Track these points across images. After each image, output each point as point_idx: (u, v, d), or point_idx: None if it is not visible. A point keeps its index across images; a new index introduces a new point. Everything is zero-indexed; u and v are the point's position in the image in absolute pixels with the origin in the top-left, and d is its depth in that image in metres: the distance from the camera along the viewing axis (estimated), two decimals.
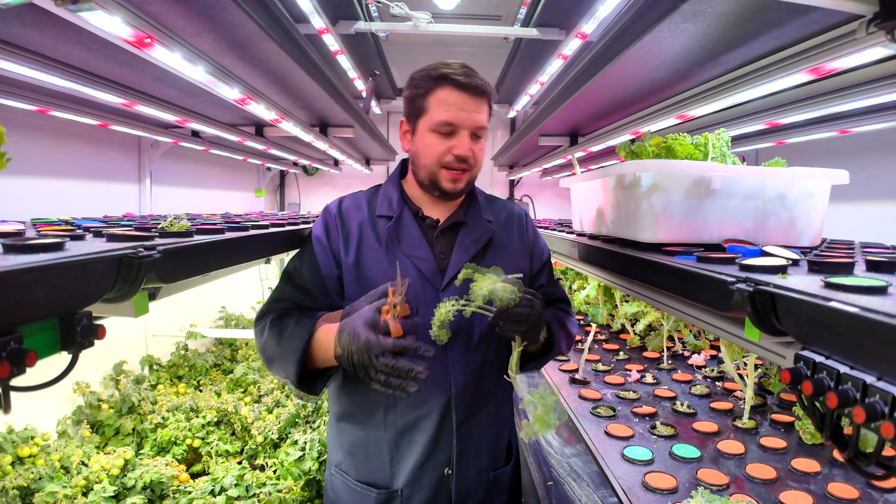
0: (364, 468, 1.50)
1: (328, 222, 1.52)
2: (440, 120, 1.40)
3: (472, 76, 1.41)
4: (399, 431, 1.45)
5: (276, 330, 1.40)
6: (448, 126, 1.40)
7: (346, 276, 1.47)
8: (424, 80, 1.43)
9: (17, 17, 1.47)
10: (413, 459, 1.44)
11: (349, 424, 1.51)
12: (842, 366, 0.67)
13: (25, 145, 2.60)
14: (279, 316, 1.44)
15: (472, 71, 1.43)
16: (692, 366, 2.84)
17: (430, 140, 1.43)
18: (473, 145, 1.43)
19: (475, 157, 1.44)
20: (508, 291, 1.22)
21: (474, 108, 1.41)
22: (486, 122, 1.45)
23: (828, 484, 1.63)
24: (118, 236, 1.12)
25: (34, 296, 0.75)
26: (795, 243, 1.43)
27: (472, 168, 1.46)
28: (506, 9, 4.65)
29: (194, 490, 2.13)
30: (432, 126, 1.41)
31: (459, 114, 1.39)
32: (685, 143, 1.53)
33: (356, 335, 1.18)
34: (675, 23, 1.52)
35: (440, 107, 1.40)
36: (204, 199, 4.60)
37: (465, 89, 1.39)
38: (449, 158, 1.41)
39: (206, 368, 3.59)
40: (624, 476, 1.72)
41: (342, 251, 1.48)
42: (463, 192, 1.50)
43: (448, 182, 1.44)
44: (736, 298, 0.89)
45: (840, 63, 1.37)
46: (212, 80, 1.87)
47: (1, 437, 2.15)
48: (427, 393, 1.42)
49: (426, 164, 1.45)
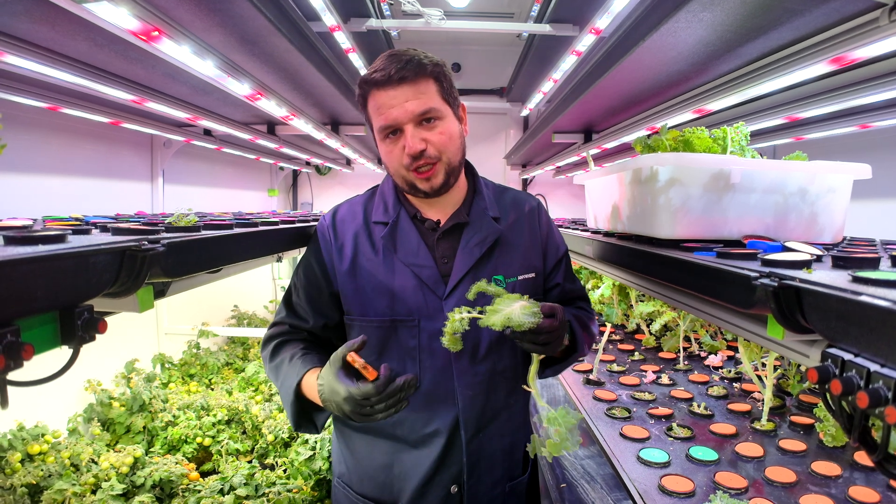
0: (367, 483, 1.45)
1: (320, 237, 1.46)
2: (379, 127, 1.32)
3: (389, 66, 1.27)
4: (405, 449, 1.39)
5: (274, 366, 1.40)
6: (388, 129, 1.31)
7: (344, 290, 1.41)
8: (359, 91, 1.36)
9: (25, 13, 1.46)
10: (419, 477, 1.38)
11: (352, 439, 1.47)
12: (872, 364, 0.64)
13: (38, 143, 2.61)
14: (277, 346, 1.44)
15: (397, 57, 1.29)
16: (709, 366, 2.79)
17: (385, 148, 1.35)
18: (426, 134, 1.30)
19: (435, 146, 1.31)
20: (528, 315, 1.12)
21: (405, 97, 1.28)
22: (430, 104, 1.30)
23: (849, 487, 1.59)
24: (123, 230, 1.10)
25: (32, 288, 0.74)
26: (817, 240, 1.39)
27: (440, 157, 1.33)
28: (518, 5, 4.62)
29: (203, 489, 2.12)
30: (379, 135, 1.34)
31: (391, 112, 1.28)
32: (703, 137, 1.49)
33: (335, 391, 1.12)
34: (692, 12, 1.48)
35: (375, 114, 1.32)
36: (216, 198, 4.61)
37: (385, 85, 1.28)
38: (406, 160, 1.31)
39: (218, 367, 3.59)
40: (639, 478, 1.69)
41: (336, 265, 1.42)
42: (446, 187, 1.37)
43: (421, 182, 1.34)
44: (759, 294, 0.86)
45: (862, 52, 1.32)
46: (221, 75, 1.86)
47: (11, 435, 2.15)
48: (433, 409, 1.36)
49: (394, 172, 1.37)
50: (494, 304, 1.15)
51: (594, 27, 2.90)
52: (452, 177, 1.37)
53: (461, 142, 1.39)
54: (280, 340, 1.45)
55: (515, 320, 1.11)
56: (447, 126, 1.33)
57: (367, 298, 1.37)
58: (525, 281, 1.44)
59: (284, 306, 1.50)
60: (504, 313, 1.12)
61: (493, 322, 1.11)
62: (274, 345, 1.44)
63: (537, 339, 1.16)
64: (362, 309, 1.39)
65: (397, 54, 1.29)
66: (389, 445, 1.40)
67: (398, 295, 1.36)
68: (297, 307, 1.47)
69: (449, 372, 1.36)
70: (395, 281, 1.37)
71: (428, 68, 1.30)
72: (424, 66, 1.29)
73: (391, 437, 1.40)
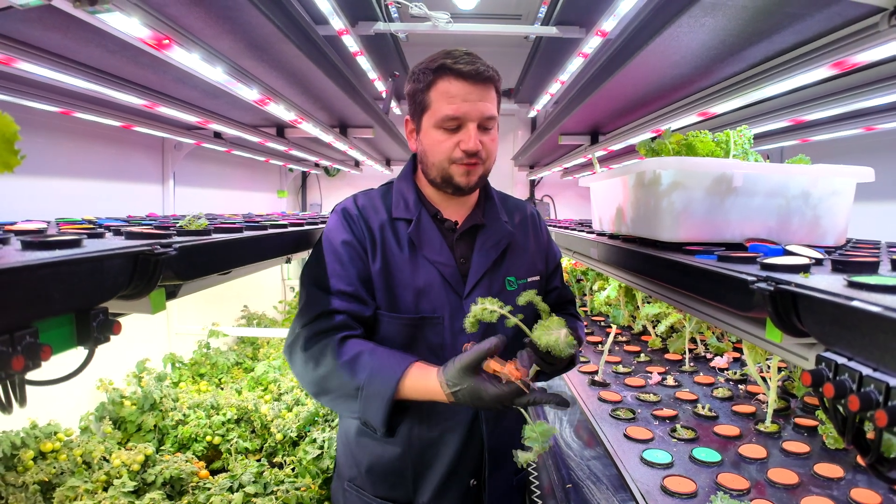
0: (383, 484, 1.44)
1: (352, 224, 1.40)
2: (444, 115, 1.30)
3: (475, 62, 1.30)
4: (424, 446, 1.40)
5: (347, 361, 1.24)
6: (453, 120, 1.30)
7: (375, 282, 1.37)
8: (424, 73, 1.33)
9: (38, 20, 1.49)
10: (438, 473, 1.39)
11: (368, 441, 1.45)
12: (865, 368, 0.65)
13: (51, 147, 2.65)
14: (343, 339, 1.29)
15: (475, 57, 1.32)
16: (714, 368, 2.79)
17: (437, 136, 1.33)
18: (483, 137, 1.33)
19: (486, 150, 1.34)
20: (570, 346, 1.16)
21: (479, 96, 1.30)
22: (494, 111, 1.34)
23: (851, 489, 1.59)
24: (136, 234, 1.13)
25: (50, 291, 0.76)
26: (820, 243, 1.40)
27: (485, 161, 1.36)
28: (525, 8, 4.63)
29: (213, 486, 2.15)
30: (437, 122, 1.32)
31: (463, 105, 1.29)
32: (706, 141, 1.50)
33: (479, 396, 1.12)
34: (694, 17, 1.50)
35: (442, 100, 1.30)
36: (226, 200, 4.65)
37: (467, 78, 1.29)
38: (458, 154, 1.32)
39: (228, 366, 3.63)
40: (643, 479, 1.70)
41: (370, 256, 1.38)
42: (477, 187, 1.40)
43: (461, 176, 1.34)
44: (756, 298, 0.87)
45: (863, 57, 1.33)
46: (231, 80, 1.89)
47: (24, 433, 2.19)
48: (454, 406, 1.34)
49: (435, 163, 1.36)
50: (547, 323, 1.19)
51: (600, 29, 2.91)
52: (482, 181, 1.42)
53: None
54: (346, 335, 1.30)
55: (560, 347, 1.16)
56: (495, 135, 1.39)
57: (396, 293, 1.36)
58: (532, 283, 1.48)
59: (324, 294, 1.34)
60: (553, 336, 1.16)
61: (540, 339, 1.16)
62: (339, 338, 1.28)
63: (548, 358, 1.19)
64: (391, 304, 1.36)
65: (472, 54, 1.32)
66: (407, 443, 1.40)
67: (424, 292, 1.37)
68: (347, 291, 1.33)
69: None
70: (421, 278, 1.37)
71: (496, 78, 1.35)
72: (495, 75, 1.34)
73: (410, 435, 1.40)
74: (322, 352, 1.27)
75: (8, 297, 0.69)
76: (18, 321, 0.71)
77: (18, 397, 0.75)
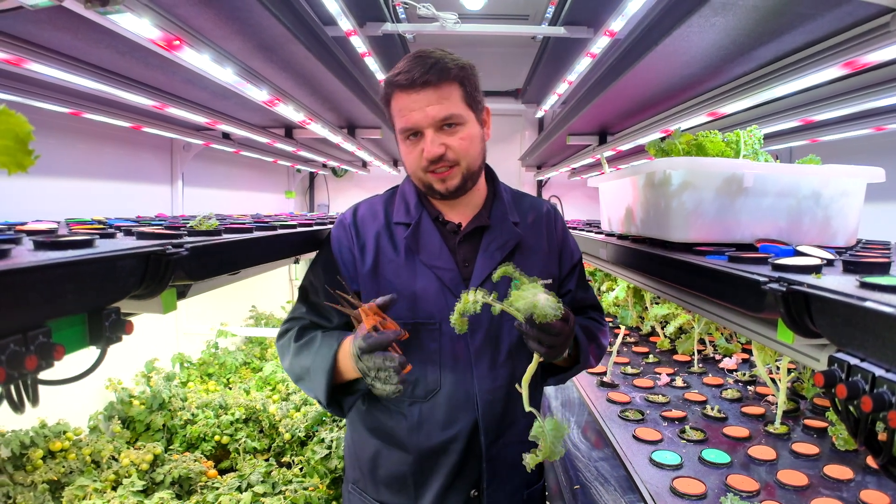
0: (385, 489, 1.44)
1: (342, 235, 1.45)
2: (400, 128, 1.33)
3: (414, 69, 1.26)
4: (424, 454, 1.38)
5: (301, 345, 1.37)
6: (409, 131, 1.31)
7: (365, 291, 1.39)
8: (383, 90, 1.36)
9: (48, 21, 1.50)
10: (439, 482, 1.38)
11: (370, 444, 1.45)
12: (878, 368, 0.65)
13: (60, 147, 2.67)
14: (303, 329, 1.42)
15: (421, 59, 1.28)
16: (723, 369, 2.78)
17: (405, 148, 1.36)
18: (446, 139, 1.30)
19: (455, 151, 1.31)
20: (552, 307, 1.07)
21: (427, 101, 1.27)
22: (451, 110, 1.29)
23: (860, 491, 1.58)
24: (148, 234, 1.14)
25: (63, 291, 0.76)
26: (830, 243, 1.39)
27: (460, 162, 1.33)
28: (533, 8, 4.63)
29: (222, 486, 2.16)
30: (400, 136, 1.35)
31: (413, 115, 1.29)
32: (716, 141, 1.50)
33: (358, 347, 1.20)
34: (704, 17, 1.49)
35: (398, 115, 1.32)
36: (234, 201, 4.67)
37: (410, 88, 1.28)
38: (424, 163, 1.32)
39: (236, 366, 3.65)
40: (652, 480, 1.69)
41: (358, 264, 1.41)
42: (463, 189, 1.37)
43: (438, 184, 1.35)
44: (768, 299, 0.87)
45: (873, 57, 1.33)
46: (240, 81, 1.90)
47: (33, 432, 2.20)
48: (453, 414, 1.35)
49: (412, 173, 1.39)
50: (520, 289, 1.10)
51: (608, 29, 2.90)
52: (470, 181, 1.38)
53: (482, 146, 1.40)
54: (304, 324, 1.44)
55: (540, 308, 1.06)
56: (468, 131, 1.33)
57: None
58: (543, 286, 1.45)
59: (303, 304, 1.47)
60: (530, 299, 1.07)
61: (517, 306, 1.08)
62: (299, 327, 1.43)
63: (544, 338, 1.16)
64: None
65: (423, 56, 1.29)
66: (407, 451, 1.39)
67: (420, 297, 1.36)
68: (318, 306, 1.43)
69: (469, 376, 1.36)
70: (417, 283, 1.36)
71: (452, 72, 1.29)
72: (449, 70, 1.28)
73: (409, 443, 1.38)
74: (288, 341, 1.42)
75: (21, 296, 0.69)
76: (31, 321, 0.72)
77: (31, 397, 0.75)
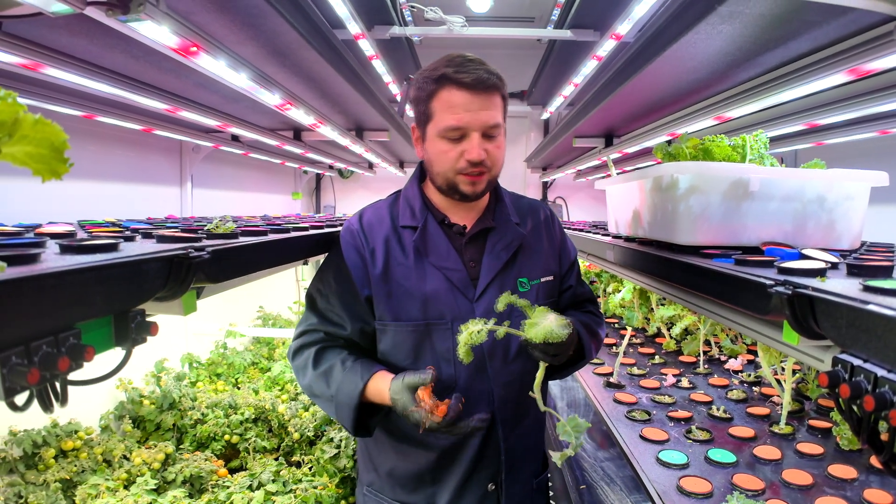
0: (402, 488, 1.46)
1: (350, 241, 1.45)
2: (447, 125, 1.30)
3: (476, 70, 1.28)
4: (442, 451, 1.41)
5: (321, 372, 1.38)
6: (456, 131, 1.30)
7: (377, 295, 1.40)
8: (426, 82, 1.32)
9: (65, 27, 1.52)
10: (457, 478, 1.40)
11: (386, 446, 1.47)
12: (880, 369, 0.67)
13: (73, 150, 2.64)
14: (319, 352, 1.42)
15: (478, 63, 1.30)
16: (729, 370, 2.80)
17: (441, 146, 1.33)
18: (487, 145, 1.32)
19: (491, 158, 1.34)
20: (563, 327, 1.17)
21: (481, 105, 1.29)
22: (498, 119, 1.32)
23: (864, 490, 1.60)
24: (167, 238, 1.17)
25: (92, 294, 0.79)
26: (835, 246, 1.41)
27: (491, 169, 1.35)
28: (539, 10, 4.65)
29: (233, 485, 2.18)
30: (440, 132, 1.32)
31: (466, 115, 1.28)
32: (723, 145, 1.52)
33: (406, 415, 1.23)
34: (711, 24, 1.52)
35: (445, 111, 1.30)
36: (242, 202, 4.70)
37: (468, 87, 1.27)
38: (462, 164, 1.32)
39: (245, 366, 3.67)
40: (658, 480, 1.72)
41: (369, 268, 1.41)
42: (484, 194, 1.42)
43: (466, 186, 1.35)
44: (775, 301, 0.89)
45: (877, 64, 1.35)
46: (254, 86, 1.92)
47: (45, 431, 2.22)
48: (469, 410, 1.34)
49: (440, 172, 1.37)
50: (532, 318, 1.20)
51: (615, 33, 2.92)
52: (490, 186, 1.41)
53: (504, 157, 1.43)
54: (321, 346, 1.43)
55: (555, 334, 1.15)
56: (502, 141, 1.37)
57: (401, 303, 1.38)
58: (545, 283, 1.48)
59: (313, 314, 1.47)
60: (544, 326, 1.16)
61: (533, 335, 1.17)
62: (315, 350, 1.42)
63: (550, 349, 1.21)
64: (395, 313, 1.39)
65: (476, 60, 1.31)
66: (426, 449, 1.42)
67: (431, 298, 1.38)
68: (330, 314, 1.44)
69: (484, 372, 1.38)
70: (427, 284, 1.38)
71: (500, 86, 1.33)
72: (499, 82, 1.32)
73: (428, 441, 1.41)
74: (305, 363, 1.42)
75: (54, 299, 0.72)
76: (62, 323, 0.74)
77: (60, 397, 0.77)
